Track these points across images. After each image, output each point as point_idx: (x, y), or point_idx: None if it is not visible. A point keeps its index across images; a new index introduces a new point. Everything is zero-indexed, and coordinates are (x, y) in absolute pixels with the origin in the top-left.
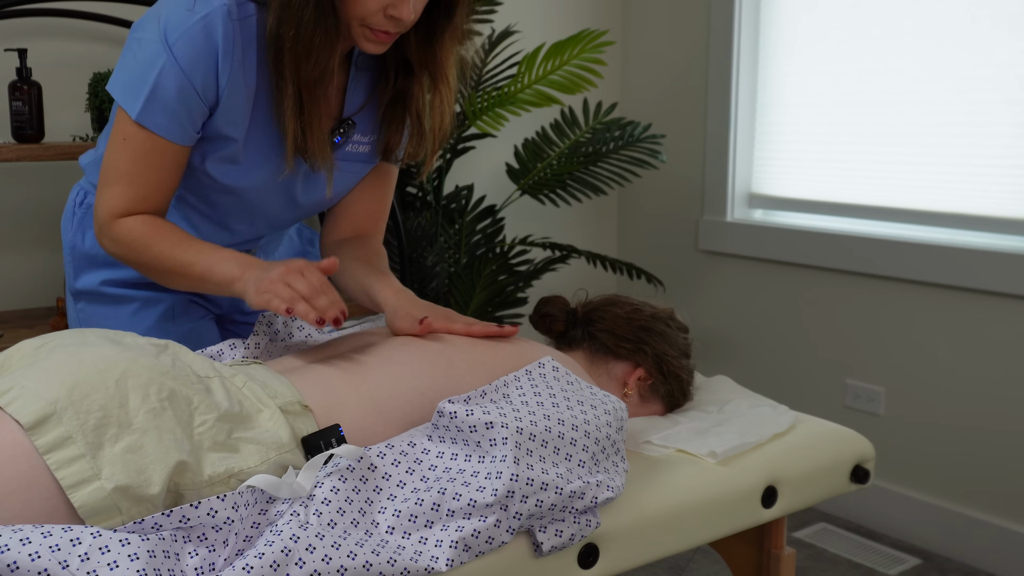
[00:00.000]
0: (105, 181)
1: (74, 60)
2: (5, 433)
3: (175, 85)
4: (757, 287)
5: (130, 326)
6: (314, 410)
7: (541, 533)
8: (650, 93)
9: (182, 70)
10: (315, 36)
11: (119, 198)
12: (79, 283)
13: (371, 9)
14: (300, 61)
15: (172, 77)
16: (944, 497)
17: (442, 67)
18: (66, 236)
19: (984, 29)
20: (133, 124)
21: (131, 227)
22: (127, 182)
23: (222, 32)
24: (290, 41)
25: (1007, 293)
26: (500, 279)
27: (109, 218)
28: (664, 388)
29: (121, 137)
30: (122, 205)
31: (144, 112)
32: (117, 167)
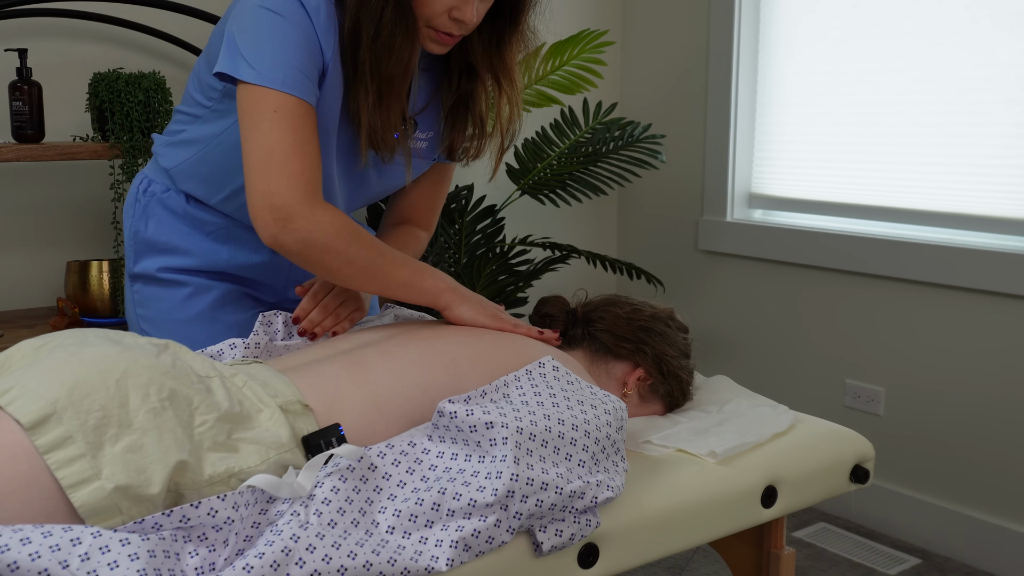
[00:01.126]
0: (271, 165)
1: (74, 60)
2: (5, 433)
3: (302, 49)
4: (757, 287)
5: (181, 310)
6: (315, 409)
7: (541, 533)
8: (650, 93)
9: (304, 34)
10: (395, 35)
11: (302, 173)
12: (138, 267)
13: (436, 11)
14: (381, 58)
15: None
16: (944, 497)
17: (509, 70)
18: (128, 222)
19: (984, 29)
20: (280, 95)
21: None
22: (300, 153)
23: (324, 12)
24: (370, 39)
25: (1007, 293)
26: (500, 279)
27: (305, 198)
28: (664, 388)
29: (271, 111)
30: (311, 179)
31: (288, 80)
32: (282, 142)
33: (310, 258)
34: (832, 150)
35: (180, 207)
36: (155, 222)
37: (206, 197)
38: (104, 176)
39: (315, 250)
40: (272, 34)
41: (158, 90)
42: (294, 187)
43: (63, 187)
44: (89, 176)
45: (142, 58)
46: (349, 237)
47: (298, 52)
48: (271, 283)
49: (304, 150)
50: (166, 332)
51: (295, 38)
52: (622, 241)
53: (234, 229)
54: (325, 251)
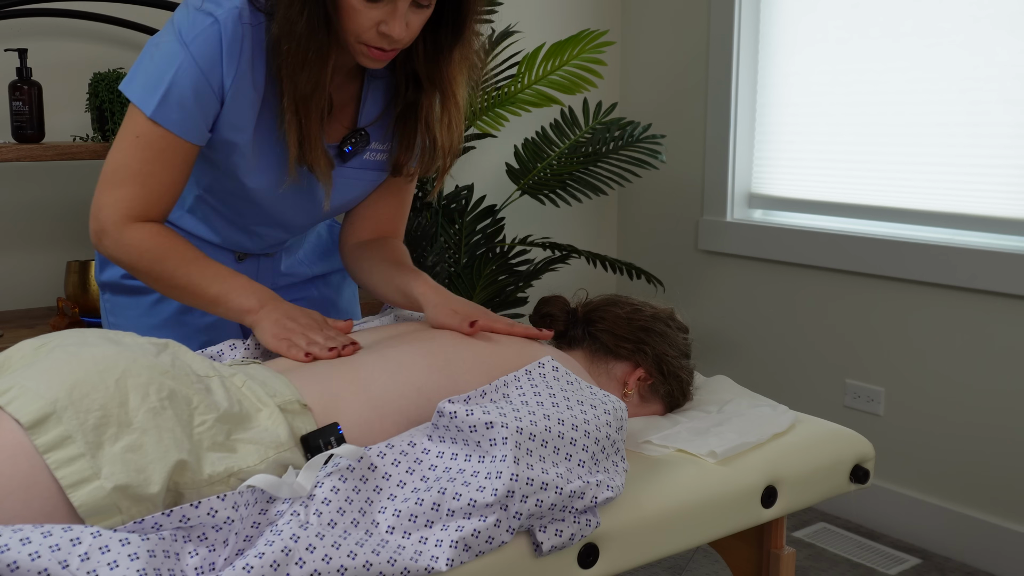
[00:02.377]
0: (111, 182)
1: (74, 60)
2: (5, 432)
3: (191, 82)
4: (757, 287)
5: (149, 316)
6: (313, 408)
7: (541, 533)
8: (650, 93)
9: (198, 67)
10: (308, 51)
11: (129, 199)
12: (103, 276)
13: (364, 26)
14: (295, 74)
15: (188, 74)
16: (944, 497)
17: (450, 84)
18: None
19: (984, 29)
20: (148, 122)
21: (142, 236)
22: (138, 182)
23: (231, 33)
24: (286, 55)
25: (1007, 293)
26: (500, 279)
27: (119, 221)
28: (664, 388)
29: (133, 135)
30: (134, 207)
31: (160, 109)
32: (128, 166)
33: (127, 269)
34: (832, 150)
35: None
36: None
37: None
38: None
39: (126, 267)
40: (167, 62)
41: None
42: (115, 209)
43: (63, 187)
44: (89, 176)
45: None
46: (153, 260)
47: (187, 88)
48: None
49: (144, 180)
50: None
51: (190, 73)
52: (622, 241)
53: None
54: (132, 269)
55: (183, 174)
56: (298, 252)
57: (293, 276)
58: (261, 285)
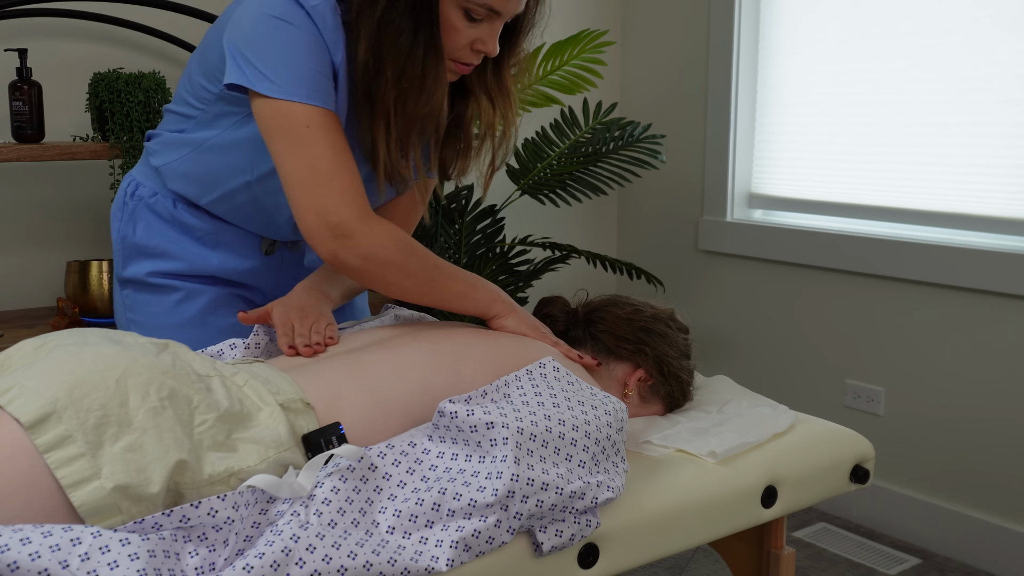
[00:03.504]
0: (317, 183)
1: (74, 60)
2: (5, 432)
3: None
4: (757, 287)
5: (173, 315)
6: (316, 407)
7: (541, 533)
8: (650, 93)
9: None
10: (427, 76)
11: (350, 188)
12: (127, 272)
13: (460, 44)
14: (408, 97)
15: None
16: (944, 497)
17: (506, 91)
18: (115, 226)
19: (984, 29)
20: (307, 108)
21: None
22: (344, 167)
23: (331, 20)
24: (395, 77)
25: (1007, 293)
26: (500, 279)
27: (360, 215)
28: (664, 389)
29: (303, 126)
30: (359, 192)
31: (312, 92)
32: (324, 157)
33: (370, 273)
34: (832, 150)
35: (168, 212)
36: (143, 226)
37: (196, 197)
38: (104, 176)
39: (375, 265)
40: (287, 43)
41: (158, 90)
42: (347, 203)
43: (63, 187)
44: (89, 176)
45: (142, 58)
46: (407, 251)
47: (315, 60)
48: (261, 286)
49: (345, 163)
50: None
51: (309, 46)
52: (622, 241)
53: (223, 235)
54: (385, 266)
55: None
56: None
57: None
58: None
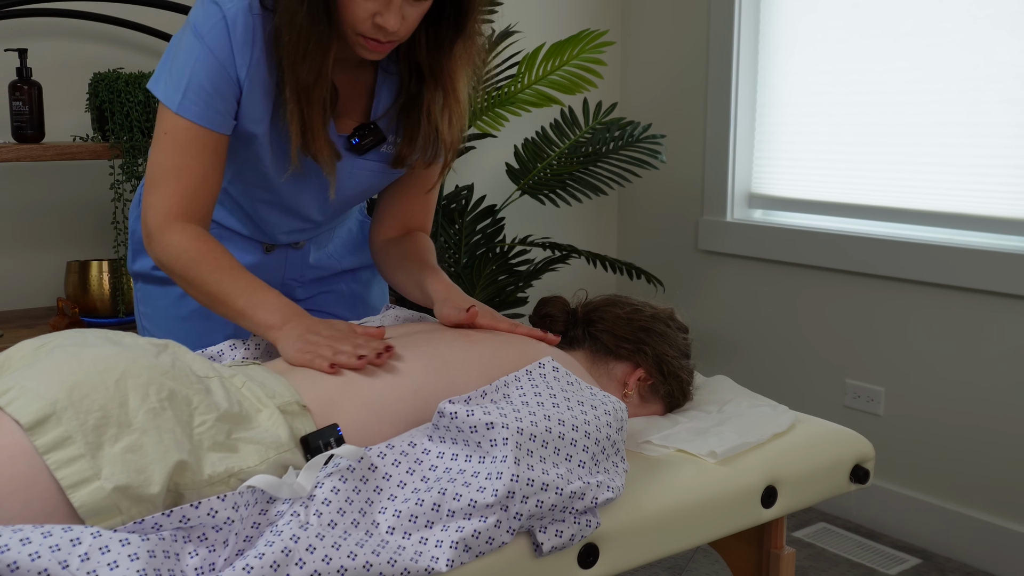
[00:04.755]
0: (150, 185)
1: (74, 60)
2: (5, 433)
3: (209, 72)
4: (757, 287)
5: (177, 307)
6: (312, 409)
7: (541, 533)
8: (650, 93)
9: (215, 56)
10: (309, 41)
11: (169, 197)
12: (135, 266)
13: (360, 17)
14: (296, 65)
15: (205, 65)
16: (944, 497)
17: (450, 77)
18: (132, 221)
19: (984, 29)
20: (174, 117)
21: (182, 239)
22: (174, 177)
23: (241, 25)
24: (287, 45)
25: (1007, 293)
26: (500, 279)
27: (163, 220)
28: (664, 388)
29: (163, 132)
30: (175, 204)
31: (184, 103)
32: (163, 164)
33: (168, 273)
34: (832, 150)
35: None
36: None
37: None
38: (104, 176)
39: (166, 270)
40: (186, 55)
41: None
42: (158, 209)
43: (63, 187)
44: (89, 176)
45: (142, 58)
46: (190, 263)
47: (206, 77)
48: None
49: (179, 175)
50: (164, 329)
51: (207, 63)
52: (622, 241)
53: (223, 231)
54: (171, 272)
55: (216, 165)
56: (328, 246)
57: (322, 269)
58: (288, 301)
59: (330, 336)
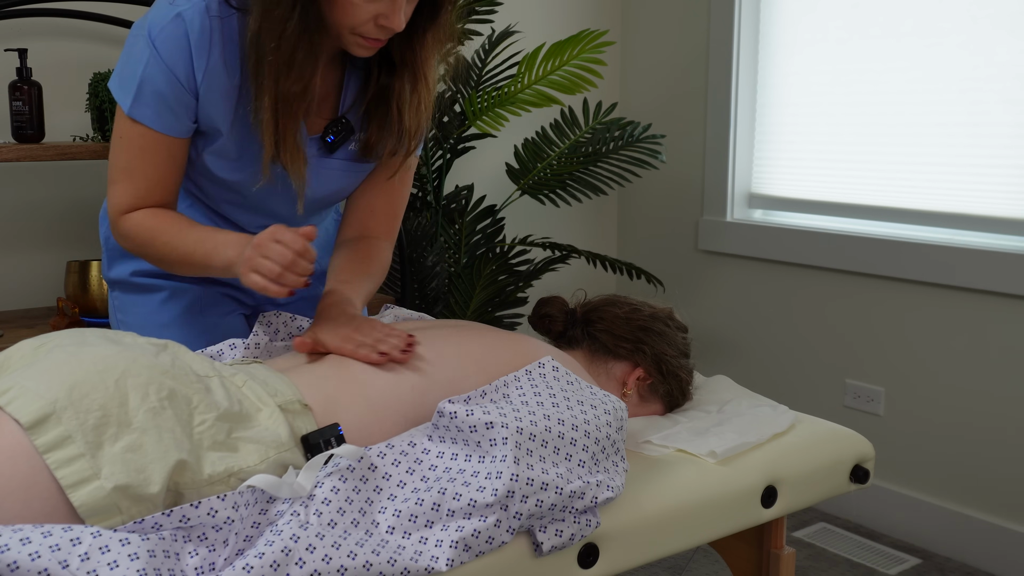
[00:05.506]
0: (111, 179)
1: (74, 60)
2: (5, 433)
3: (160, 78)
4: (757, 287)
5: (158, 314)
6: (313, 408)
7: (541, 533)
8: (650, 93)
9: (164, 62)
10: (297, 51)
11: (123, 195)
12: (112, 273)
13: (362, 19)
14: (280, 74)
15: (156, 70)
16: (944, 497)
17: (422, 67)
18: (102, 229)
19: (984, 29)
20: (127, 120)
21: (136, 221)
22: (127, 178)
23: (198, 26)
24: (271, 53)
25: (1007, 293)
26: (500, 279)
27: (116, 215)
28: (663, 388)
29: (119, 135)
30: (126, 201)
31: (135, 106)
32: (117, 164)
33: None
34: (832, 150)
35: None
36: None
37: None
38: (104, 176)
39: (135, 253)
40: (137, 59)
41: None
42: (114, 204)
43: (63, 187)
44: (89, 176)
45: None
46: (146, 243)
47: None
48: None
49: (131, 176)
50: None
51: (159, 71)
52: (622, 241)
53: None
54: (140, 255)
55: (171, 167)
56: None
57: None
58: (243, 235)
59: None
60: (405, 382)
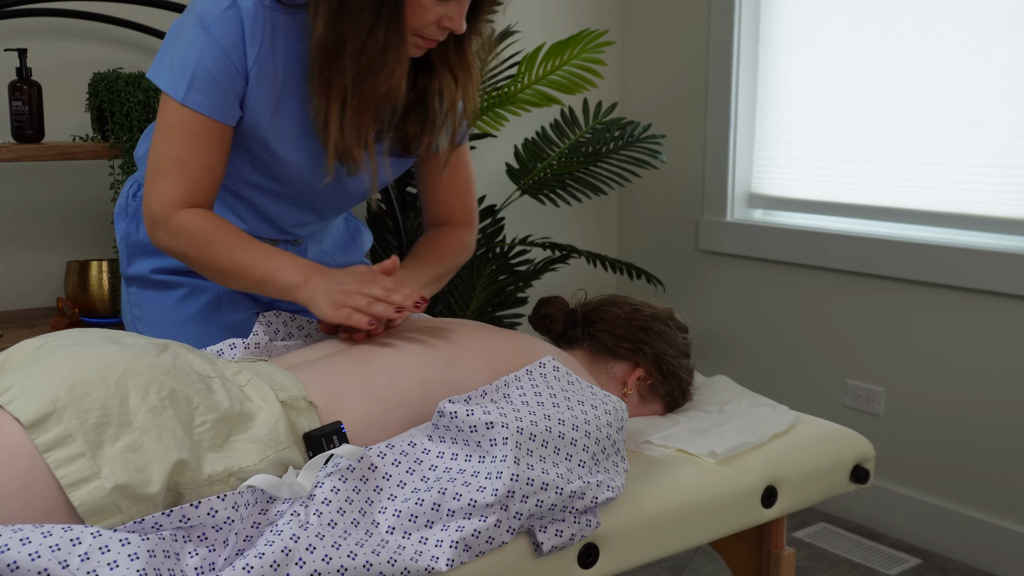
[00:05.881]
0: (155, 173)
1: (74, 60)
2: (5, 432)
3: (215, 63)
4: (757, 287)
5: (176, 311)
6: (318, 405)
7: (541, 533)
8: (650, 93)
9: (220, 46)
10: (387, 52)
11: (173, 187)
12: (131, 269)
13: (427, 21)
14: (366, 76)
15: (211, 55)
16: (944, 497)
17: (470, 67)
18: (119, 226)
19: (984, 29)
20: (179, 108)
21: (190, 222)
22: (178, 169)
23: (252, 15)
24: (355, 54)
25: (1007, 293)
26: (500, 279)
27: (167, 210)
28: (664, 388)
29: (167, 124)
30: (177, 194)
31: (189, 93)
32: (167, 155)
33: (178, 257)
34: (832, 150)
35: None
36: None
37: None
38: (104, 176)
39: (176, 254)
40: (192, 45)
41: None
42: (163, 198)
43: (63, 187)
44: (89, 176)
45: (142, 58)
46: (200, 245)
47: (213, 68)
48: None
49: (183, 166)
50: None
51: (213, 54)
52: (622, 241)
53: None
54: (183, 257)
55: (220, 156)
56: (323, 242)
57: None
58: (305, 259)
59: (357, 282)
60: (414, 375)
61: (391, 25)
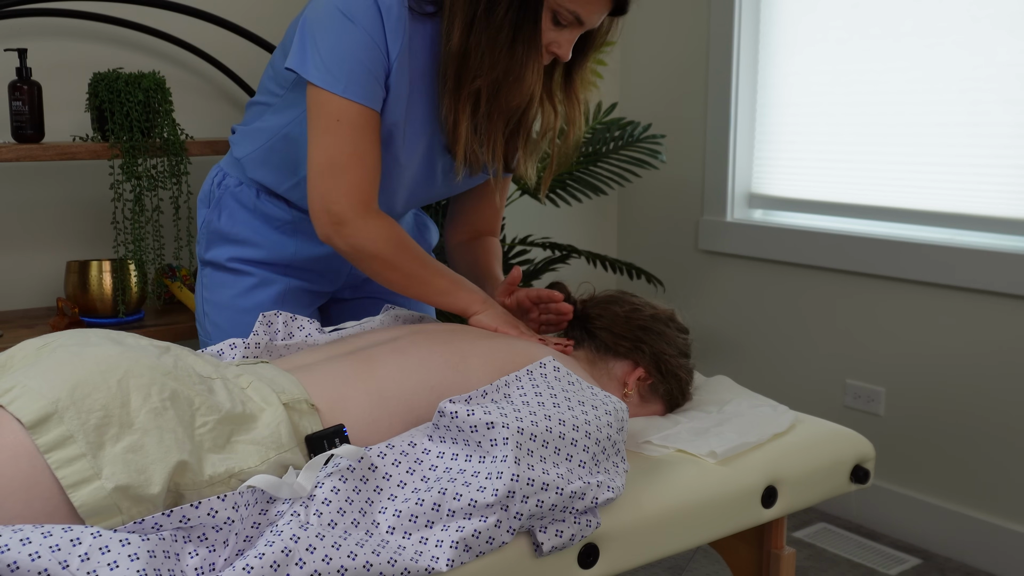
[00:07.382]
0: (332, 172)
1: (74, 60)
2: (6, 432)
3: (367, 54)
4: (757, 287)
5: (243, 299)
6: (320, 408)
7: (541, 533)
8: (650, 93)
9: (370, 37)
10: (526, 71)
11: (358, 184)
12: (208, 254)
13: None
14: (502, 87)
15: (363, 47)
16: (944, 497)
17: (576, 98)
18: (201, 212)
19: (984, 29)
20: (342, 102)
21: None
22: (358, 163)
23: (396, 12)
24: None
25: (1007, 293)
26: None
27: (360, 209)
28: (663, 388)
29: (334, 119)
30: (364, 190)
31: (350, 86)
32: (343, 151)
33: (359, 262)
34: (832, 150)
35: (251, 201)
36: (227, 214)
37: (275, 185)
38: (104, 176)
39: (363, 256)
40: (342, 37)
41: (158, 90)
42: (350, 196)
43: (63, 187)
44: (89, 176)
45: (142, 58)
46: (395, 247)
47: (366, 58)
48: (333, 274)
49: (363, 160)
50: (227, 317)
51: (364, 44)
52: (622, 241)
53: (301, 224)
54: (372, 258)
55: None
56: None
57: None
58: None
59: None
60: (422, 379)
61: (529, 44)
